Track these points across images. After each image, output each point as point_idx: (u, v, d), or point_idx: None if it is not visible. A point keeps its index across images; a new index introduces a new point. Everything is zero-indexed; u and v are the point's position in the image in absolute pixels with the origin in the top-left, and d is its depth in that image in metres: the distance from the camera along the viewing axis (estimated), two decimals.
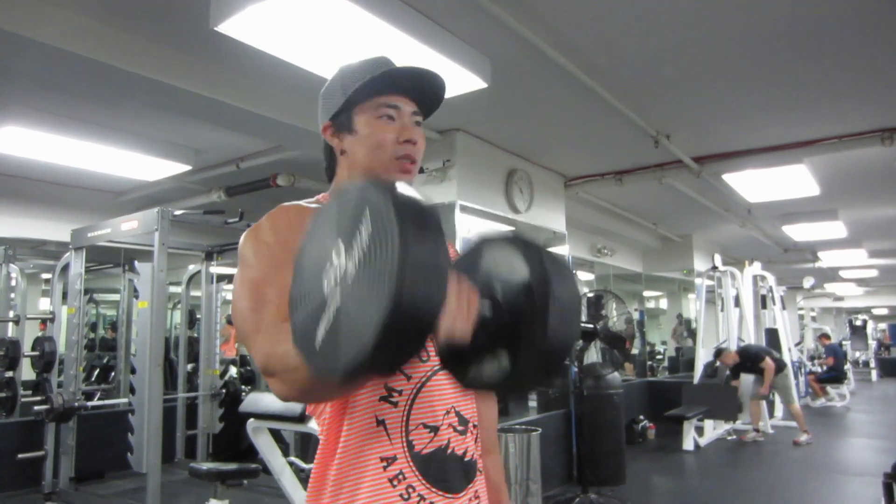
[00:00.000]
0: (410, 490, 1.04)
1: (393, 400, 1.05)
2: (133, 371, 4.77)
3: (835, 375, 11.71)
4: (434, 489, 1.06)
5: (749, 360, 7.52)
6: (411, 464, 1.05)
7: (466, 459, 1.12)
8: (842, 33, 3.52)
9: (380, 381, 1.04)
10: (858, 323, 18.57)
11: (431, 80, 1.20)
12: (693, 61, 3.89)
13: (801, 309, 19.64)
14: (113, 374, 7.53)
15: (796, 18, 3.36)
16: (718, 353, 7.75)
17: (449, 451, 1.09)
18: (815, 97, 4.48)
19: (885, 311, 23.47)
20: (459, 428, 1.12)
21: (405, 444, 1.05)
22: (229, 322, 7.19)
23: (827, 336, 13.58)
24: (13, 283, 5.85)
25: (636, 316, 10.03)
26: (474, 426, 1.16)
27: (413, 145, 1.18)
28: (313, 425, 3.22)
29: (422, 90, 1.21)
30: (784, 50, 3.73)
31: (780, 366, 7.64)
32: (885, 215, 8.50)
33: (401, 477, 1.03)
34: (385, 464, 1.03)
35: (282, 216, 1.13)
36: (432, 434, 1.07)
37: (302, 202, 1.19)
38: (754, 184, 6.30)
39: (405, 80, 1.19)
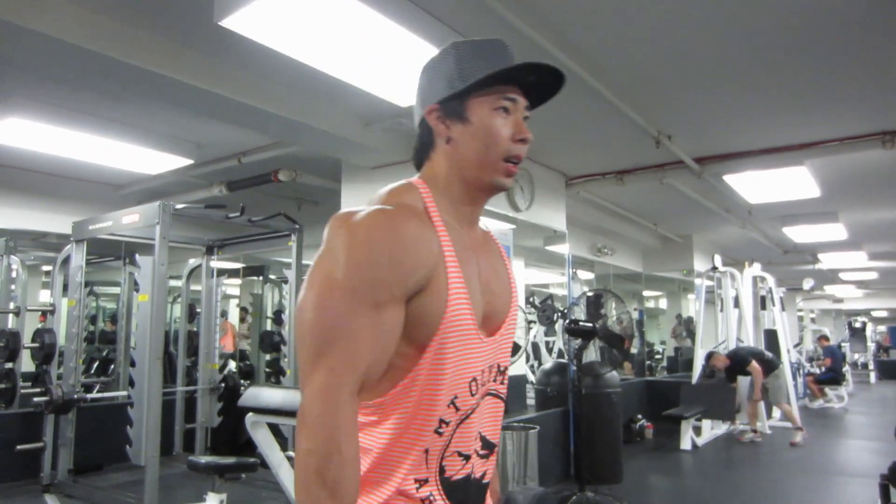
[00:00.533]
0: None
1: (440, 430, 1.04)
2: (133, 364, 4.78)
3: (833, 377, 11.72)
4: None
5: (737, 363, 7.53)
6: (440, 488, 1.06)
7: (484, 482, 1.14)
8: (843, 36, 3.53)
9: (437, 415, 1.03)
10: (858, 325, 18.58)
11: (558, 78, 1.11)
12: (696, 63, 3.89)
13: (800, 310, 19.65)
14: (112, 366, 7.54)
15: (799, 22, 3.36)
16: (710, 356, 7.76)
17: (473, 476, 1.10)
18: (816, 100, 4.48)
19: (884, 314, 23.49)
20: (482, 452, 1.13)
21: (437, 468, 1.05)
22: (223, 315, 7.21)
23: (826, 338, 13.60)
24: (14, 274, 5.87)
25: (636, 315, 10.04)
26: (495, 447, 1.17)
27: (525, 144, 1.11)
28: None
29: (539, 86, 1.13)
30: (786, 53, 3.73)
31: (770, 366, 7.63)
32: (885, 218, 8.51)
33: (430, 499, 1.04)
34: (418, 485, 1.04)
35: (394, 231, 0.99)
36: (464, 461, 1.08)
37: (408, 198, 1.08)
38: (755, 185, 6.30)
39: (530, 73, 1.09)
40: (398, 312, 0.98)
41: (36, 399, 5.00)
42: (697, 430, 7.52)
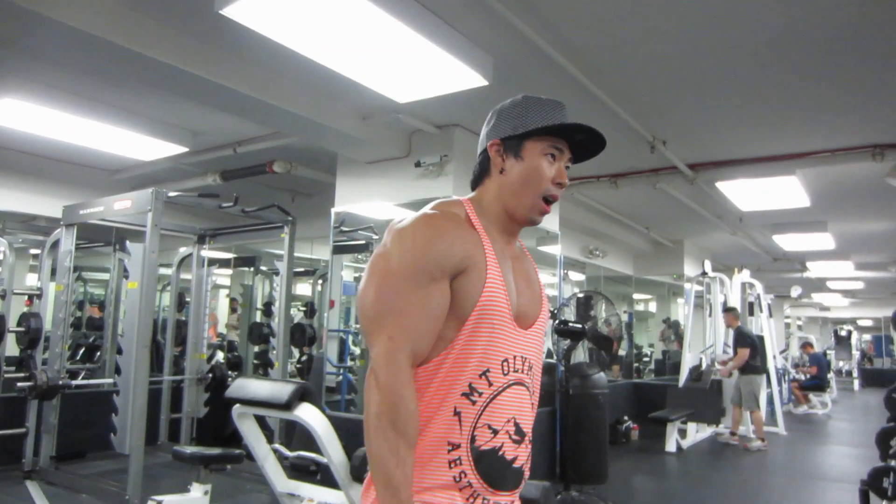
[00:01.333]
0: (463, 475, 1.22)
1: (473, 398, 1.23)
2: (119, 352, 4.76)
3: (818, 383, 11.82)
4: (481, 480, 1.23)
5: (740, 336, 7.60)
6: (469, 454, 1.22)
7: (515, 466, 1.29)
8: (836, 50, 3.56)
9: (467, 379, 1.23)
10: (843, 333, 18.72)
11: (598, 141, 1.36)
12: (692, 71, 3.91)
13: (787, 317, 19.80)
14: (98, 353, 7.49)
15: (793, 35, 3.39)
16: (729, 309, 7.84)
17: (500, 453, 1.25)
18: (809, 111, 4.52)
19: (869, 323, 23.68)
20: (515, 437, 1.28)
21: (469, 437, 1.22)
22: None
23: (810, 345, 13.67)
24: (1, 256, 5.81)
25: (625, 318, 10.08)
26: (530, 441, 1.32)
27: (560, 188, 1.36)
28: (298, 413, 3.23)
29: (583, 144, 1.36)
30: (780, 64, 3.76)
31: (753, 367, 7.63)
32: (873, 229, 8.58)
33: (458, 462, 1.22)
34: (450, 448, 1.21)
35: (434, 225, 1.25)
36: (492, 435, 1.24)
37: (452, 210, 1.32)
38: (747, 193, 6.34)
39: (578, 132, 1.33)
40: (443, 289, 1.21)
41: (20, 384, 4.96)
42: (683, 433, 7.57)
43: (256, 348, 7.72)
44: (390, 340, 1.17)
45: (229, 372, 6.80)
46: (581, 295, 5.46)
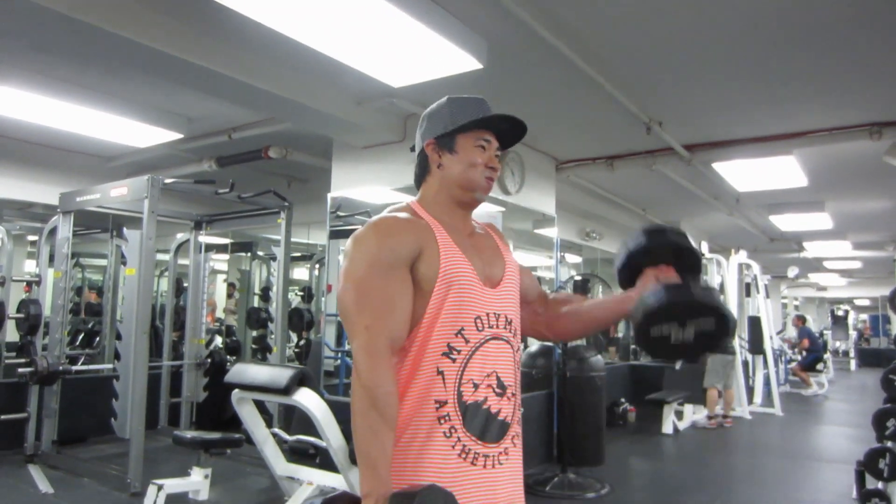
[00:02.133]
0: (453, 430, 1.34)
1: (452, 357, 1.36)
2: (119, 337, 4.78)
3: (815, 357, 11.78)
4: (469, 433, 1.35)
5: None
6: (456, 408, 1.34)
7: (499, 418, 1.40)
8: (834, 29, 3.54)
9: (444, 340, 1.36)
10: (840, 313, 18.77)
11: (520, 128, 1.53)
12: (689, 51, 3.89)
13: (784, 298, 19.84)
14: (97, 339, 7.52)
15: (790, 14, 3.37)
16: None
17: (485, 406, 1.38)
18: (805, 90, 4.50)
19: (866, 302, 23.75)
20: (497, 390, 1.40)
21: (456, 393, 1.35)
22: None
23: (801, 318, 13.57)
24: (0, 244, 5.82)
25: None
26: (513, 394, 1.44)
27: (494, 171, 1.50)
28: (297, 398, 3.26)
29: (506, 133, 1.53)
30: (776, 43, 3.74)
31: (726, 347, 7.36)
32: (870, 208, 8.58)
33: (447, 418, 1.34)
34: (437, 405, 1.34)
35: (382, 227, 1.40)
36: (474, 389, 1.37)
37: (398, 214, 1.45)
38: (744, 173, 6.33)
39: (501, 122, 1.50)
40: (404, 276, 1.36)
41: (20, 370, 4.99)
42: (679, 415, 7.62)
43: (255, 333, 7.74)
44: (367, 330, 1.29)
45: (228, 357, 6.84)
46: (578, 278, 5.48)
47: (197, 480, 3.82)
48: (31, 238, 8.25)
